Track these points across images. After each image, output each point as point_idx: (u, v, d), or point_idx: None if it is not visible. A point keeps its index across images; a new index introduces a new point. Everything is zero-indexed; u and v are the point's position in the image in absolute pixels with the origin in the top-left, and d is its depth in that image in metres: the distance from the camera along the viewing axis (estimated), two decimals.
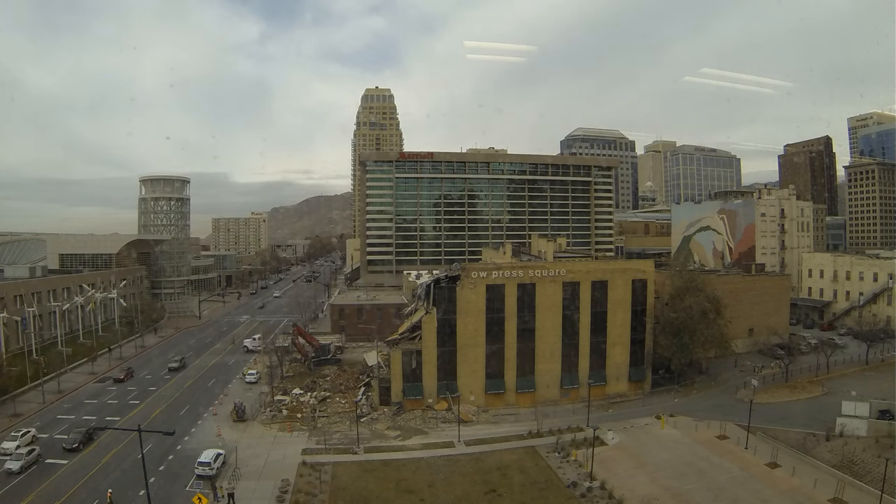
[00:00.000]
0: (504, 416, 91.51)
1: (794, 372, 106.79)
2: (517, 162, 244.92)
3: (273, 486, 65.55)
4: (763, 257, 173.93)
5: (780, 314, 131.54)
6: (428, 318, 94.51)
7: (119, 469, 70.09)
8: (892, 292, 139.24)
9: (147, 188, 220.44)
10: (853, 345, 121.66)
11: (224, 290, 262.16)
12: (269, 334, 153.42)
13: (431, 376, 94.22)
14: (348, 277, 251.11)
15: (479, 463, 73.17)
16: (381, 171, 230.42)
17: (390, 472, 70.50)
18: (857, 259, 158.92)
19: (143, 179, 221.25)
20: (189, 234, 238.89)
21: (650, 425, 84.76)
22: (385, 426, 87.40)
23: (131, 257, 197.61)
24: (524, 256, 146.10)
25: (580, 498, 63.11)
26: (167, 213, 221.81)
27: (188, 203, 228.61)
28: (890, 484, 59.10)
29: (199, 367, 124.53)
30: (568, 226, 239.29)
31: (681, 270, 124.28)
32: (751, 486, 65.04)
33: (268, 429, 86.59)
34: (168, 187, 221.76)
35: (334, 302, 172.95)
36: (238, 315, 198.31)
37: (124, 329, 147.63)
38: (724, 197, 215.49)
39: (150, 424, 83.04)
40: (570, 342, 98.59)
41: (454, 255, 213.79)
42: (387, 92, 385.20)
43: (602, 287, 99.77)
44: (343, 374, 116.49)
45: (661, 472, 69.26)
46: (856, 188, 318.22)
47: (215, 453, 70.68)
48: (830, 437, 77.62)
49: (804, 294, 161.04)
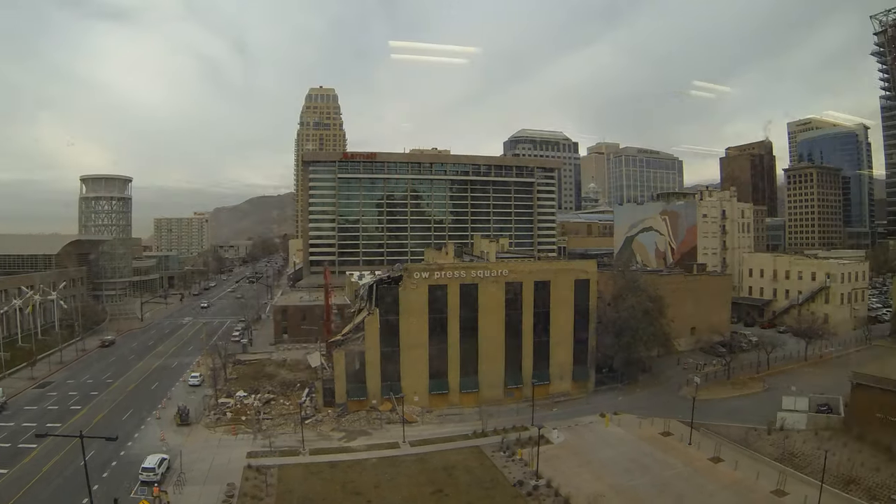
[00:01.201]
0: (448, 417, 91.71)
1: (735, 369, 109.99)
2: (460, 163, 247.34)
3: (219, 491, 64.52)
4: (705, 257, 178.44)
5: (722, 313, 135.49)
6: (371, 318, 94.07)
7: (61, 477, 67.85)
8: (829, 291, 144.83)
9: (88, 187, 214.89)
10: (792, 342, 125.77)
11: (167, 291, 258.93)
12: (214, 335, 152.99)
13: (375, 377, 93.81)
14: (291, 278, 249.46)
15: (424, 463, 73.17)
16: (324, 171, 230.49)
17: (337, 473, 70.15)
18: (796, 259, 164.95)
19: (83, 178, 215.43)
20: (131, 234, 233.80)
21: (595, 423, 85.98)
22: (330, 428, 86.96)
23: (72, 258, 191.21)
24: (467, 257, 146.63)
25: (526, 497, 63.43)
26: (108, 213, 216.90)
27: (130, 202, 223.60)
28: (829, 474, 61.36)
29: (142, 371, 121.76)
30: (511, 226, 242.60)
31: (623, 271, 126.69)
32: (695, 481, 66.68)
33: (212, 432, 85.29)
34: (110, 186, 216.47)
35: (277, 303, 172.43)
36: (181, 317, 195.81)
37: (65, 332, 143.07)
38: (666, 198, 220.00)
39: (93, 430, 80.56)
40: (513, 342, 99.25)
41: (397, 255, 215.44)
42: (331, 92, 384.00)
43: (545, 287, 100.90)
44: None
45: (606, 469, 70.28)
46: (795, 190, 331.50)
47: (159, 458, 69.17)
48: (772, 432, 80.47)
49: (745, 293, 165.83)
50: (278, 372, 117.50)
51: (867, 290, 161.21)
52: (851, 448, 73.08)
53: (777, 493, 62.63)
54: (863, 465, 67.73)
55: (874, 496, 61.19)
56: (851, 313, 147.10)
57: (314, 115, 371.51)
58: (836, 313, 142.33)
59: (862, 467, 67.02)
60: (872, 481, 64.28)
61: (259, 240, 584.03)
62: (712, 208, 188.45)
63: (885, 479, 64.42)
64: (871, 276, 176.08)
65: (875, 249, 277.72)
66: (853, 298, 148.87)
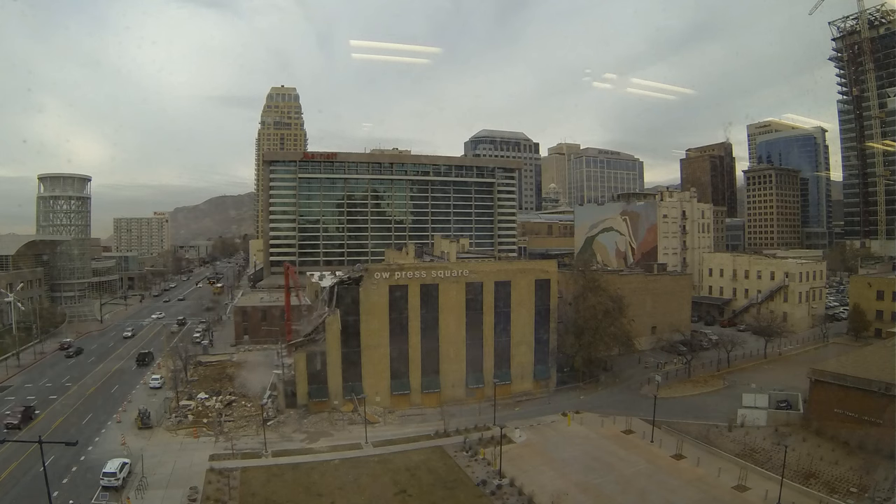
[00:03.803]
0: (410, 417, 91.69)
1: (696, 367, 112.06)
2: (420, 163, 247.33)
3: (182, 495, 64.02)
4: (665, 257, 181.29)
5: (682, 312, 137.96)
6: (331, 319, 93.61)
7: (20, 484, 66.34)
8: (787, 290, 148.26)
9: (46, 186, 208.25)
10: (752, 340, 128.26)
11: (126, 292, 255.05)
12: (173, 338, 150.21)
13: (336, 378, 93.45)
14: (252, 278, 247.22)
15: (387, 464, 73.20)
16: (285, 170, 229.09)
17: (300, 475, 69.80)
18: (755, 259, 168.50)
19: (41, 177, 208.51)
20: (90, 234, 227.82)
21: (557, 422, 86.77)
22: (292, 429, 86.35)
23: (29, 259, 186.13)
24: (427, 257, 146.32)
25: (490, 496, 63.76)
26: (67, 213, 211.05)
27: (89, 202, 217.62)
28: (789, 469, 62.79)
29: (101, 374, 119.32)
30: (471, 226, 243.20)
31: (584, 270, 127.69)
32: (657, 478, 67.69)
33: (174, 435, 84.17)
34: (68, 185, 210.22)
35: (238, 304, 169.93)
36: (141, 318, 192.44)
37: (22, 335, 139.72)
38: (626, 199, 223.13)
39: (52, 435, 79.37)
40: (474, 342, 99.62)
41: (357, 255, 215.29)
42: (292, 91, 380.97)
43: (505, 287, 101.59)
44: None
45: (569, 467, 70.91)
46: (754, 191, 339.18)
47: (121, 463, 68.01)
48: (732, 428, 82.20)
49: (705, 292, 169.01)
50: (239, 373, 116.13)
51: (825, 288, 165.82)
52: (811, 443, 75.10)
53: (738, 489, 63.99)
54: (822, 459, 69.73)
55: (833, 489, 62.88)
56: (809, 311, 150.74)
57: (275, 114, 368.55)
58: (794, 312, 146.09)
59: (821, 461, 69.01)
60: (831, 475, 66.11)
61: (219, 240, 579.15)
62: (672, 209, 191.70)
63: (843, 473, 66.21)
64: (828, 275, 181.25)
65: (832, 249, 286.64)
66: (811, 297, 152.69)
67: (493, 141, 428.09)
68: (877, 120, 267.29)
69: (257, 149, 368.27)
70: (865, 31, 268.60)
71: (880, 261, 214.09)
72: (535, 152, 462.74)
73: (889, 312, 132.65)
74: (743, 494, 63.03)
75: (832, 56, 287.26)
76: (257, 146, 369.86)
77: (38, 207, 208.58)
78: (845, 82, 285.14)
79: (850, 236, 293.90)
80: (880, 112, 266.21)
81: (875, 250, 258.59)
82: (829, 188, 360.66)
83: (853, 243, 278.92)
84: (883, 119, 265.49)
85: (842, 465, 68.35)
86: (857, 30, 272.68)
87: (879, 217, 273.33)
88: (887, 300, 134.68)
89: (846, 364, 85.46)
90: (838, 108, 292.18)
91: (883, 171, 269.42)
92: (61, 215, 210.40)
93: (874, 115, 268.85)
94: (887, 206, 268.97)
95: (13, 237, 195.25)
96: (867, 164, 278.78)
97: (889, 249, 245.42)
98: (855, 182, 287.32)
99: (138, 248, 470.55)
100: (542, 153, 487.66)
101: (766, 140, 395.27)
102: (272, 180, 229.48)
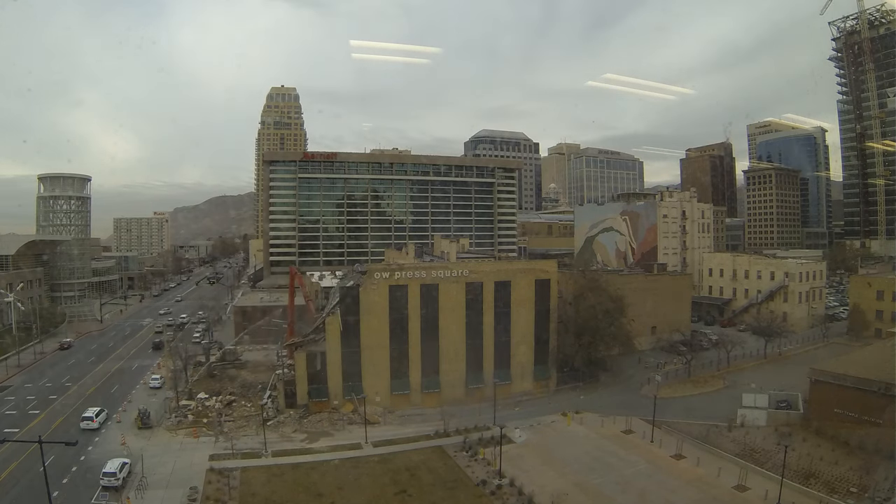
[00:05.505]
0: (410, 417, 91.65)
1: (696, 367, 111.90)
2: (420, 163, 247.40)
3: (181, 495, 63.97)
4: (665, 257, 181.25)
5: (682, 312, 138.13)
6: (332, 319, 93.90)
7: (20, 484, 66.22)
8: (787, 290, 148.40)
9: (46, 186, 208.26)
10: (752, 340, 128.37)
11: (126, 292, 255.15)
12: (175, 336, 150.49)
13: (336, 378, 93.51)
14: (252, 278, 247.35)
15: (387, 464, 73.27)
16: (285, 170, 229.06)
17: (299, 475, 69.83)
18: (755, 259, 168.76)
19: (41, 177, 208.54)
20: (90, 234, 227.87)
21: (556, 422, 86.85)
22: (292, 429, 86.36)
23: (29, 259, 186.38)
24: (427, 257, 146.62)
25: (490, 496, 63.83)
26: (67, 213, 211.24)
27: (89, 202, 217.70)
28: (789, 469, 62.85)
29: (101, 374, 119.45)
30: (471, 227, 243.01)
31: (584, 270, 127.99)
32: (657, 478, 67.78)
33: (174, 435, 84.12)
34: (68, 185, 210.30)
35: (238, 304, 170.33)
36: (141, 318, 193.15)
37: (22, 335, 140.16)
38: (626, 199, 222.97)
39: (52, 435, 79.23)
40: (474, 342, 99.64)
41: (357, 255, 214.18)
42: (292, 91, 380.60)
43: (505, 287, 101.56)
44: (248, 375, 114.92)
45: (569, 467, 71.01)
46: (754, 191, 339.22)
47: (121, 463, 68.01)
48: (732, 428, 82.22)
49: (705, 292, 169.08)
50: (239, 373, 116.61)
51: (825, 288, 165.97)
52: (810, 443, 75.19)
53: (738, 489, 64.08)
54: (822, 459, 69.80)
55: (833, 489, 62.97)
56: (809, 311, 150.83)
57: (275, 114, 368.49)
58: (794, 312, 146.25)
59: (821, 462, 69.07)
60: (831, 475, 66.19)
61: (219, 240, 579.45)
62: (672, 209, 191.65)
63: (843, 473, 66.28)
64: (828, 275, 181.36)
65: (832, 249, 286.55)
66: (811, 297, 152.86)
67: (492, 141, 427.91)
68: (877, 120, 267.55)
69: (257, 149, 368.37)
70: (865, 31, 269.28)
71: (880, 261, 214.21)
72: (535, 152, 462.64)
73: (889, 312, 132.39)
74: (743, 494, 63.11)
75: (832, 56, 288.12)
76: (257, 146, 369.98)
77: (37, 207, 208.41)
78: (845, 82, 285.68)
79: (850, 236, 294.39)
80: (880, 112, 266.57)
81: (875, 250, 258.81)
82: (829, 188, 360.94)
83: (853, 243, 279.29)
84: (883, 119, 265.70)
85: (842, 465, 68.41)
86: (857, 30, 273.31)
87: (879, 217, 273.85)
88: (887, 300, 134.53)
89: (846, 364, 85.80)
90: (838, 108, 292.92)
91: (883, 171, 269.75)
92: (61, 215, 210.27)
93: (874, 115, 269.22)
94: (887, 206, 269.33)
95: (13, 237, 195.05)
96: (867, 164, 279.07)
97: (889, 249, 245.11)
98: (855, 182, 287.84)
99: (138, 248, 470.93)
100: (542, 153, 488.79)
101: (766, 140, 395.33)
102: (272, 180, 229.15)
